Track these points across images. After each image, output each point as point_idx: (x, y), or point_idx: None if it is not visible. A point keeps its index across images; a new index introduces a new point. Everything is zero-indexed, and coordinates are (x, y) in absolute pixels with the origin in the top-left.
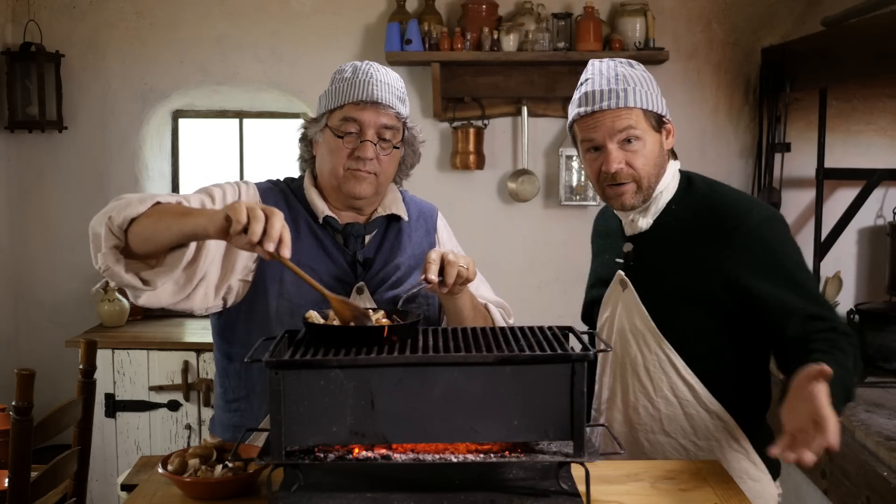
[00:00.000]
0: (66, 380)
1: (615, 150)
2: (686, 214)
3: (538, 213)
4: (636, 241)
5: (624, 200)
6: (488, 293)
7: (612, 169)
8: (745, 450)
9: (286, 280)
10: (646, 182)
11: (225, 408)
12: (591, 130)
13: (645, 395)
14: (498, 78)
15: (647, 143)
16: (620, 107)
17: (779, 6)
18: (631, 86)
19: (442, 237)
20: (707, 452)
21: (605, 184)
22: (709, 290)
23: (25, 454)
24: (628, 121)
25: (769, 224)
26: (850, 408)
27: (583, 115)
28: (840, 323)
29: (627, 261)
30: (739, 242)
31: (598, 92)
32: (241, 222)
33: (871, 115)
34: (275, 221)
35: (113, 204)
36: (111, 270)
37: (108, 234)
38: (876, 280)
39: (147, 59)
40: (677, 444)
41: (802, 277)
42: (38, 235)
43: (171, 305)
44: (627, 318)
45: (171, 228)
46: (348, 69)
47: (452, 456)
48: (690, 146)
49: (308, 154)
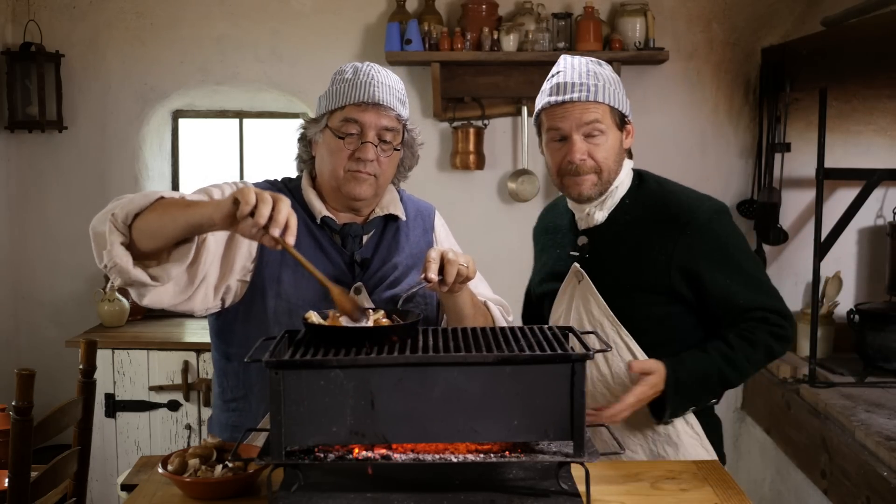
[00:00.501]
0: (66, 380)
1: (580, 141)
2: (638, 208)
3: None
4: (590, 234)
5: (582, 190)
6: (487, 291)
7: (575, 159)
8: (699, 435)
9: (284, 280)
10: (605, 175)
11: (223, 407)
12: (560, 120)
13: (603, 383)
14: (498, 78)
15: (610, 139)
16: (590, 100)
17: (779, 6)
18: (601, 82)
19: (440, 236)
20: (664, 437)
21: (565, 173)
22: (663, 279)
23: (25, 454)
24: (595, 114)
25: (719, 217)
26: (849, 408)
27: (552, 105)
28: (778, 309)
29: (583, 253)
30: (692, 235)
31: (570, 84)
32: (249, 203)
33: (871, 115)
34: (282, 206)
35: (114, 203)
36: (118, 267)
37: (113, 231)
38: (876, 280)
39: (147, 59)
40: (636, 430)
41: (749, 266)
42: (38, 235)
43: (172, 307)
44: (584, 308)
45: (178, 220)
46: (349, 70)
47: (452, 456)
48: (690, 146)
49: (307, 154)
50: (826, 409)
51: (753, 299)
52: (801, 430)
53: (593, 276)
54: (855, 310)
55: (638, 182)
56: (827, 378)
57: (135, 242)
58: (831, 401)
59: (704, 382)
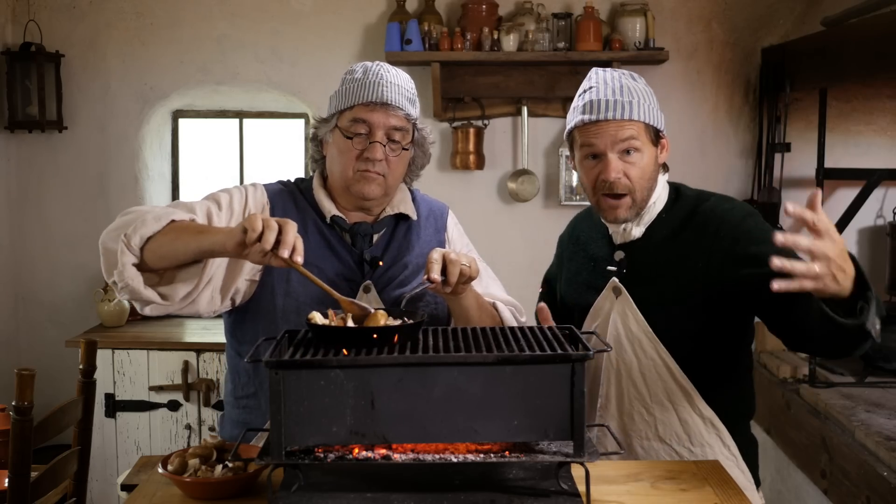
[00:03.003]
0: (66, 380)
1: (615, 159)
2: (675, 222)
3: (538, 213)
4: (627, 249)
5: (618, 214)
6: (499, 292)
7: (610, 177)
8: (735, 457)
9: (293, 279)
10: (639, 195)
11: (235, 404)
12: (594, 137)
13: (640, 401)
14: (498, 78)
15: (645, 156)
16: (625, 118)
17: (779, 6)
18: (635, 98)
19: (452, 236)
20: (700, 456)
21: (601, 192)
22: (700, 289)
23: (25, 454)
24: (630, 132)
25: (751, 218)
26: (849, 408)
27: (586, 123)
28: None
29: (620, 268)
30: (725, 237)
31: (605, 101)
32: (256, 230)
33: (871, 115)
34: (288, 229)
35: (123, 219)
36: (130, 287)
37: (125, 252)
38: (876, 280)
39: (147, 59)
40: (671, 450)
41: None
42: (38, 235)
43: (176, 311)
44: (622, 324)
45: (189, 246)
46: (359, 70)
47: (452, 456)
48: (690, 146)
49: (318, 154)
50: (826, 409)
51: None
52: (801, 430)
53: (631, 291)
54: None
55: (675, 196)
56: (827, 378)
57: (145, 262)
58: (831, 401)
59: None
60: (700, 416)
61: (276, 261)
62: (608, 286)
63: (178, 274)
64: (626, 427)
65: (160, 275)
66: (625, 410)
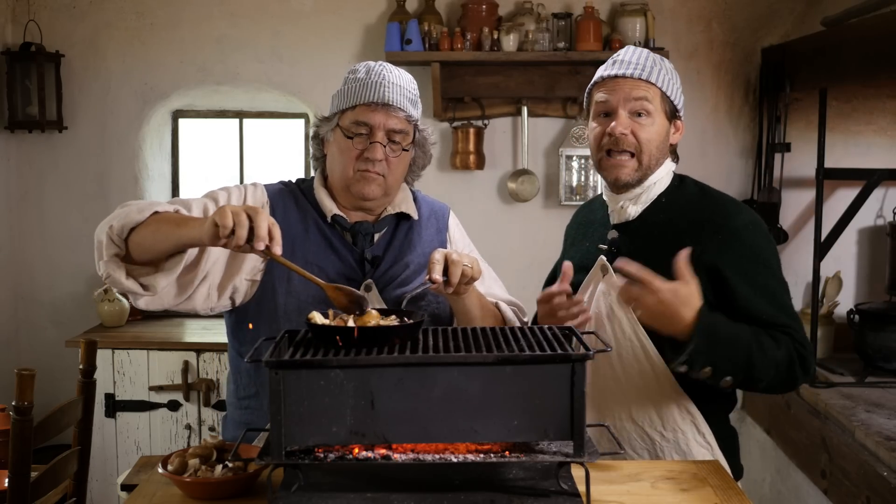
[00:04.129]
0: (66, 380)
1: (625, 116)
2: (673, 209)
3: (538, 213)
4: (622, 230)
5: (620, 174)
6: (501, 292)
7: (617, 132)
8: (710, 445)
9: (294, 278)
10: (646, 159)
11: (237, 405)
12: (609, 92)
13: (615, 381)
14: (498, 78)
15: (656, 123)
16: (642, 78)
17: (779, 6)
18: (657, 67)
19: (454, 236)
20: (672, 444)
21: (605, 149)
22: None
23: (25, 454)
24: (645, 93)
25: (754, 228)
26: (849, 408)
27: (604, 78)
28: (800, 336)
29: (611, 248)
30: (724, 240)
31: (627, 61)
32: (227, 227)
33: (871, 115)
34: (260, 221)
35: (117, 212)
36: (112, 278)
37: (109, 243)
38: (876, 280)
39: (147, 59)
40: (643, 432)
41: (775, 287)
42: (38, 235)
43: (172, 307)
44: (605, 302)
45: (169, 238)
46: (361, 70)
47: (452, 456)
48: (690, 146)
49: (319, 152)
50: (826, 409)
51: (776, 317)
52: (801, 430)
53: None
54: (855, 310)
55: (678, 184)
56: (827, 378)
57: (129, 253)
58: (831, 401)
59: (734, 343)
60: (675, 402)
61: (255, 253)
62: (596, 264)
63: (161, 265)
64: (598, 405)
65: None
66: (598, 387)
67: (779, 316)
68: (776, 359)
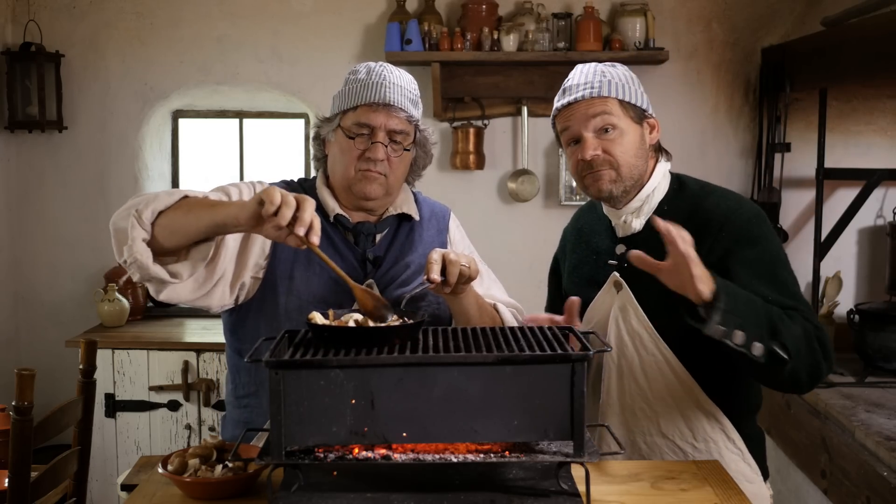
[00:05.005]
0: (66, 380)
1: (591, 138)
2: (676, 215)
3: (538, 213)
4: (628, 242)
5: (601, 186)
6: (500, 294)
7: (587, 156)
8: (741, 451)
9: (296, 277)
10: (626, 170)
11: (235, 404)
12: (568, 120)
13: (642, 397)
14: (498, 78)
15: (627, 134)
16: (594, 96)
17: (779, 6)
18: (607, 79)
19: (454, 237)
20: (705, 454)
21: (583, 173)
22: None
23: (25, 454)
24: (602, 108)
25: (757, 221)
26: (849, 408)
27: (560, 109)
28: (812, 316)
29: (621, 262)
30: (727, 236)
31: (576, 86)
32: (274, 203)
33: (871, 115)
34: (306, 206)
35: (135, 200)
36: (138, 262)
37: (136, 227)
38: (876, 280)
39: (147, 59)
40: (675, 446)
41: (782, 274)
42: (38, 235)
43: (189, 302)
44: (623, 320)
45: (202, 219)
46: (362, 70)
47: (452, 456)
48: (690, 146)
49: (321, 153)
50: (826, 409)
51: (784, 304)
52: (801, 430)
53: (632, 285)
54: (855, 310)
55: (677, 187)
56: (827, 378)
57: (156, 239)
58: (831, 401)
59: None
60: (703, 412)
61: (291, 239)
62: (609, 281)
63: (189, 253)
64: (628, 423)
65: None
66: (627, 407)
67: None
68: (796, 332)
